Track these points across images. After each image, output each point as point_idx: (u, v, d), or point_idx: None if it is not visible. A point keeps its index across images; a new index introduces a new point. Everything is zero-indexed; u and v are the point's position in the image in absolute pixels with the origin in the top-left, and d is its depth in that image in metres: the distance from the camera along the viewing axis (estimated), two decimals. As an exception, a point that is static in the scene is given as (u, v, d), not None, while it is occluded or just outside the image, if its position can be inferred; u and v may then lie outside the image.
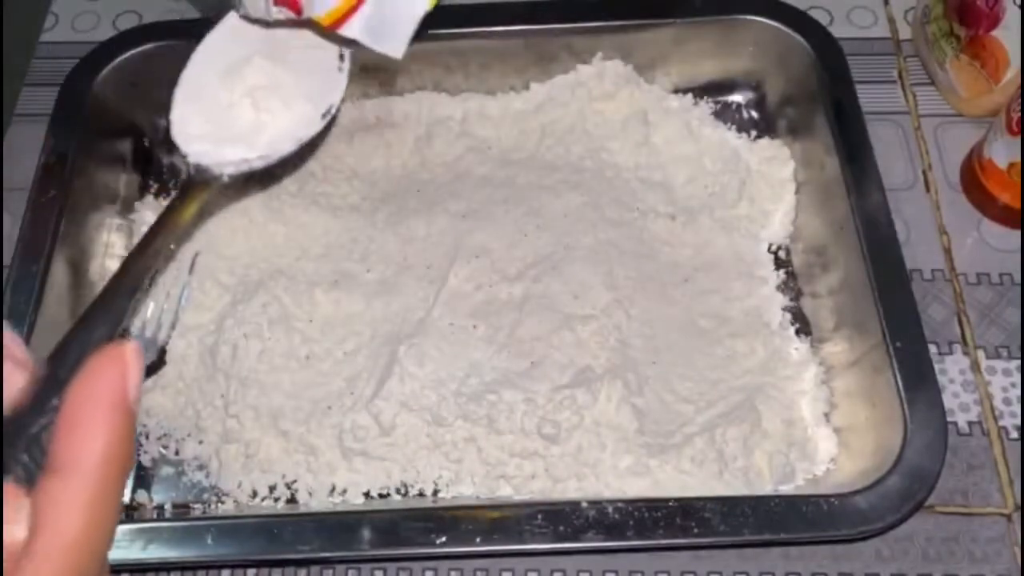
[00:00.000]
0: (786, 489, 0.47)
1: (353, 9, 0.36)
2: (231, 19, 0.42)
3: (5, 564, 0.18)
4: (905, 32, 0.64)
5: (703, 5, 0.59)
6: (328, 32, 0.39)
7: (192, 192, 0.36)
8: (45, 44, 0.67)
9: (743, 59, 0.60)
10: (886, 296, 0.48)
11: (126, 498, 0.49)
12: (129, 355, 0.21)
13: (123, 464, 0.20)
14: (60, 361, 0.22)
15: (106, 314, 0.25)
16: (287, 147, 0.39)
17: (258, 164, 0.39)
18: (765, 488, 0.46)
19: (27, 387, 0.21)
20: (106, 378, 0.20)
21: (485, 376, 0.49)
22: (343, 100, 0.41)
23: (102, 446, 0.19)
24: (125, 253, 0.57)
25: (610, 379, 0.48)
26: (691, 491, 0.46)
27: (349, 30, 0.37)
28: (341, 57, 0.42)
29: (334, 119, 0.41)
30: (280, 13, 0.39)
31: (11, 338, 0.21)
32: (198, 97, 0.40)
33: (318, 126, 0.40)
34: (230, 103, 0.40)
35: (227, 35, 0.41)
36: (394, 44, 0.38)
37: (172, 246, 0.34)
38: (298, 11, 0.38)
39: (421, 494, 0.48)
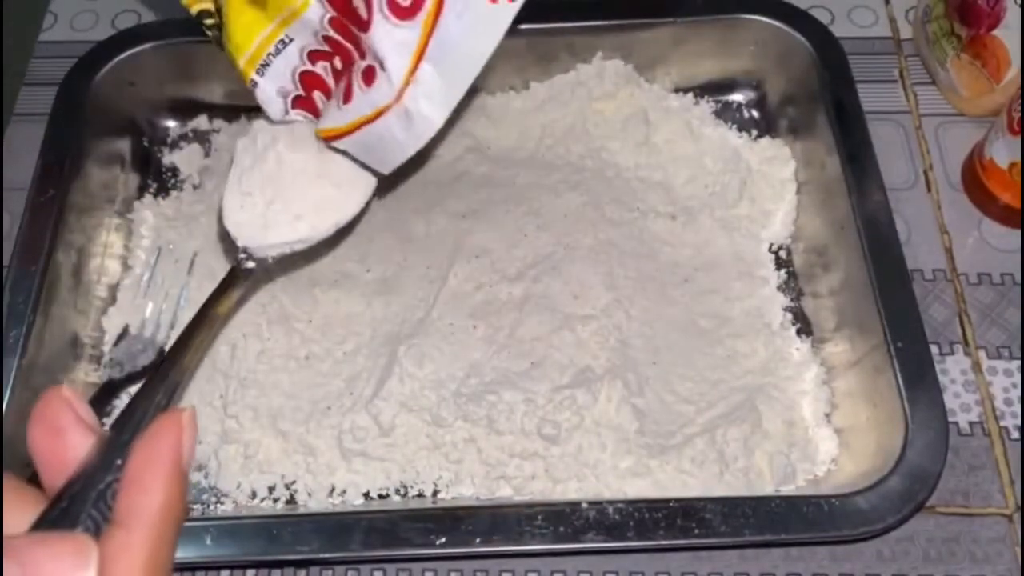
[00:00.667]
0: (787, 490, 0.47)
1: (347, 134, 0.40)
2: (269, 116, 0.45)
3: None
4: (906, 31, 0.64)
5: (703, 4, 0.59)
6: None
7: (242, 272, 0.41)
8: (44, 43, 0.66)
9: (744, 58, 0.60)
10: (887, 296, 0.48)
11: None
12: (185, 421, 0.23)
13: (178, 518, 0.23)
14: (124, 425, 0.25)
15: (164, 383, 0.28)
16: (327, 230, 0.43)
17: (300, 247, 0.43)
18: (766, 489, 0.46)
19: (94, 448, 0.23)
20: (164, 441, 0.23)
21: (485, 376, 0.49)
22: (378, 183, 0.45)
23: (160, 502, 0.22)
24: (124, 252, 0.57)
25: (610, 379, 0.48)
26: (692, 492, 0.45)
27: (343, 144, 0.41)
28: None
29: (370, 201, 0.45)
30: (299, 115, 0.43)
31: (82, 407, 0.24)
32: (245, 185, 0.43)
33: (357, 208, 0.44)
34: (275, 190, 0.43)
35: (267, 126, 0.45)
36: (382, 166, 0.42)
37: (219, 323, 0.38)
38: (317, 116, 0.43)
39: (421, 495, 0.48)
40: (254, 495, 0.48)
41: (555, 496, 0.46)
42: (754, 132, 0.60)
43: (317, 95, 0.43)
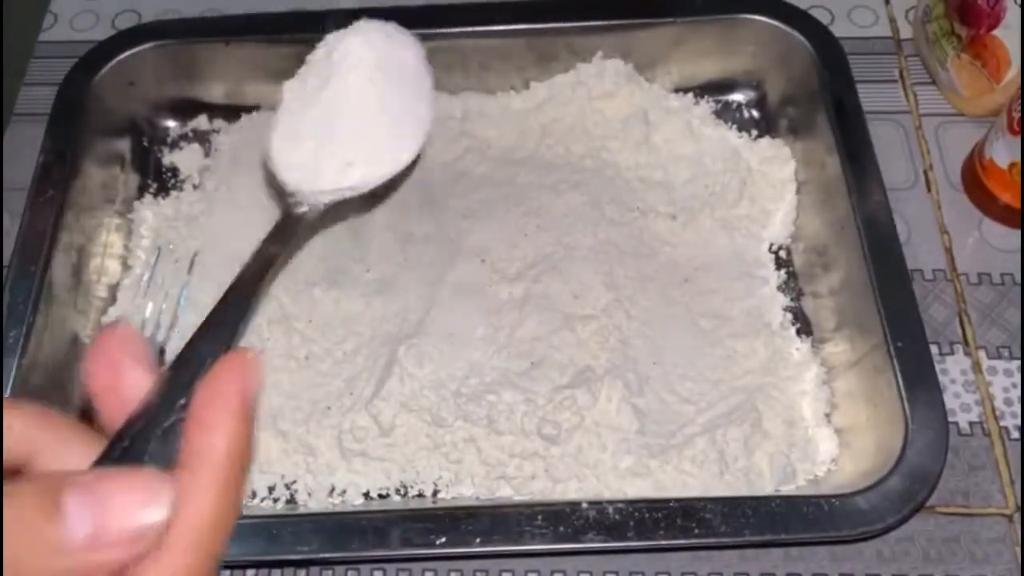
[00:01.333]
0: (787, 490, 0.47)
1: None
2: (320, 51, 0.43)
3: (150, 545, 0.19)
4: (906, 31, 0.64)
5: (704, 4, 0.59)
6: None
7: (292, 217, 0.38)
8: (44, 43, 0.66)
9: (744, 58, 0.60)
10: (887, 296, 0.48)
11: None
12: (250, 361, 0.22)
13: (245, 460, 0.22)
14: (184, 366, 0.24)
15: (222, 325, 0.27)
16: (380, 178, 0.41)
17: (350, 194, 0.40)
18: (766, 488, 0.46)
19: (155, 387, 0.23)
20: (231, 382, 0.22)
21: (485, 376, 0.49)
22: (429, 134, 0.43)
23: (227, 443, 0.21)
24: (124, 252, 0.57)
25: (610, 379, 0.48)
26: (692, 492, 0.45)
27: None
28: (430, 84, 0.44)
29: (422, 152, 0.43)
30: None
31: (142, 345, 0.23)
32: (295, 127, 0.41)
33: (409, 158, 0.42)
34: (326, 134, 0.41)
35: (318, 69, 0.42)
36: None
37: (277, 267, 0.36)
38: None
39: (421, 495, 0.48)
40: (254, 495, 0.48)
41: (555, 496, 0.46)
42: (754, 132, 0.60)
43: None
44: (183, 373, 0.23)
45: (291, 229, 0.37)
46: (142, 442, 0.21)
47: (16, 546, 0.18)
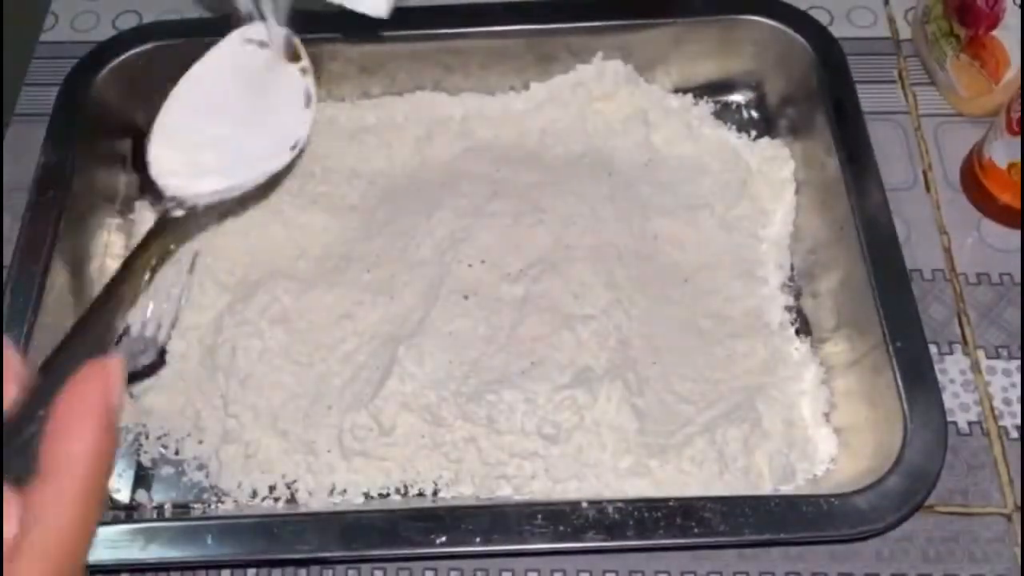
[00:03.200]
0: (786, 489, 0.47)
1: None
2: (207, 60, 0.45)
3: (4, 557, 0.20)
4: (905, 32, 0.64)
5: (703, 5, 0.59)
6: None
7: (170, 221, 0.39)
8: (45, 44, 0.67)
9: (743, 59, 0.60)
10: (886, 296, 0.48)
11: (126, 498, 0.49)
12: (111, 369, 0.23)
13: (105, 468, 0.22)
14: (48, 374, 0.24)
15: (91, 329, 0.27)
16: (257, 179, 0.42)
17: (229, 195, 0.42)
18: (765, 488, 0.46)
19: (19, 397, 0.23)
20: (90, 390, 0.22)
21: (485, 376, 0.49)
22: (309, 136, 0.45)
23: (85, 451, 0.21)
24: (125, 253, 0.57)
25: (610, 379, 0.48)
26: (691, 491, 0.45)
27: None
28: (308, 96, 0.46)
29: (301, 153, 0.45)
30: None
31: (9, 351, 0.23)
32: (174, 134, 0.42)
33: (287, 159, 0.44)
34: (203, 139, 0.42)
35: (202, 75, 0.44)
36: (376, 4, 0.42)
37: (150, 269, 0.36)
38: None
39: (421, 494, 0.48)
40: (255, 494, 0.48)
41: (555, 496, 0.46)
42: (753, 132, 0.60)
43: None
44: (45, 384, 0.24)
45: (166, 233, 0.38)
46: (2, 455, 0.22)
47: None
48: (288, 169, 0.44)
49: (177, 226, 0.39)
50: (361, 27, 0.60)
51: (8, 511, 0.20)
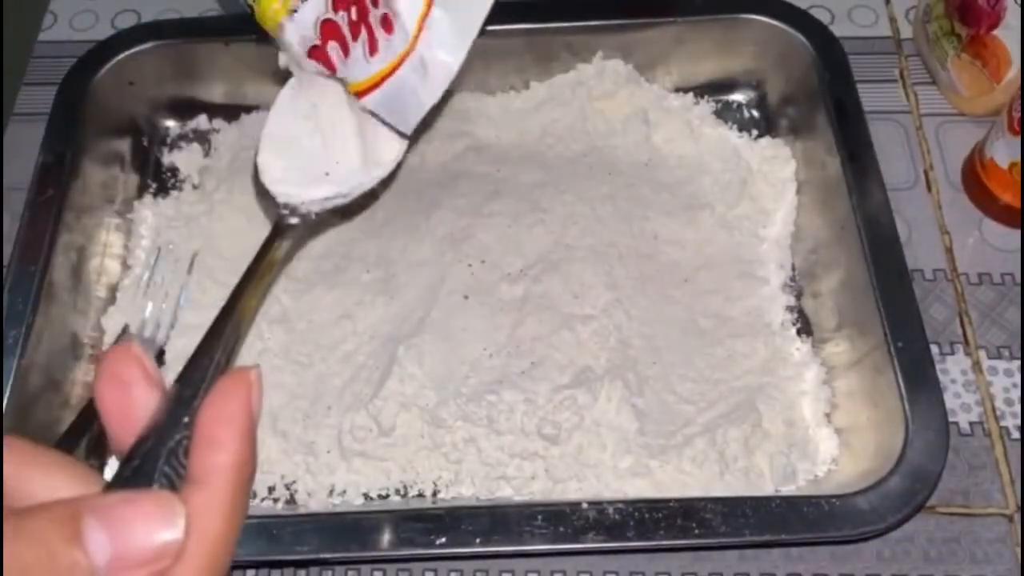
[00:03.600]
0: (787, 490, 0.47)
1: (375, 87, 0.40)
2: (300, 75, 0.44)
3: (167, 564, 0.20)
4: (906, 31, 0.64)
5: (704, 4, 0.59)
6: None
7: (286, 228, 0.39)
8: (43, 43, 0.66)
9: (744, 58, 0.60)
10: (887, 296, 0.47)
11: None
12: (252, 379, 0.23)
13: (252, 474, 0.23)
14: (187, 382, 0.25)
15: (220, 339, 0.28)
16: (365, 184, 0.43)
17: (339, 202, 0.42)
18: (766, 489, 0.46)
19: (161, 405, 0.23)
20: (234, 398, 0.23)
21: (485, 376, 0.49)
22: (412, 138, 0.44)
23: (233, 459, 0.22)
24: (124, 253, 0.57)
25: (610, 379, 0.48)
26: (692, 492, 0.45)
27: (368, 102, 0.41)
28: None
29: (406, 155, 0.44)
30: (313, 68, 0.42)
31: (149, 362, 0.24)
32: (282, 142, 0.42)
33: (393, 163, 0.44)
34: (309, 145, 0.42)
35: (305, 80, 0.44)
36: (403, 124, 0.42)
37: (270, 277, 0.37)
38: (332, 70, 0.42)
39: (420, 495, 0.48)
40: (254, 495, 0.48)
41: (555, 496, 0.46)
42: (754, 132, 0.60)
43: (332, 46, 0.42)
44: (186, 390, 0.24)
45: (283, 239, 0.38)
46: (151, 461, 0.22)
47: (37, 572, 0.18)
48: (395, 171, 0.44)
49: (293, 233, 0.39)
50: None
51: (175, 514, 0.20)
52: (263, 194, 0.43)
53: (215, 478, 0.21)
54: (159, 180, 0.60)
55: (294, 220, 0.40)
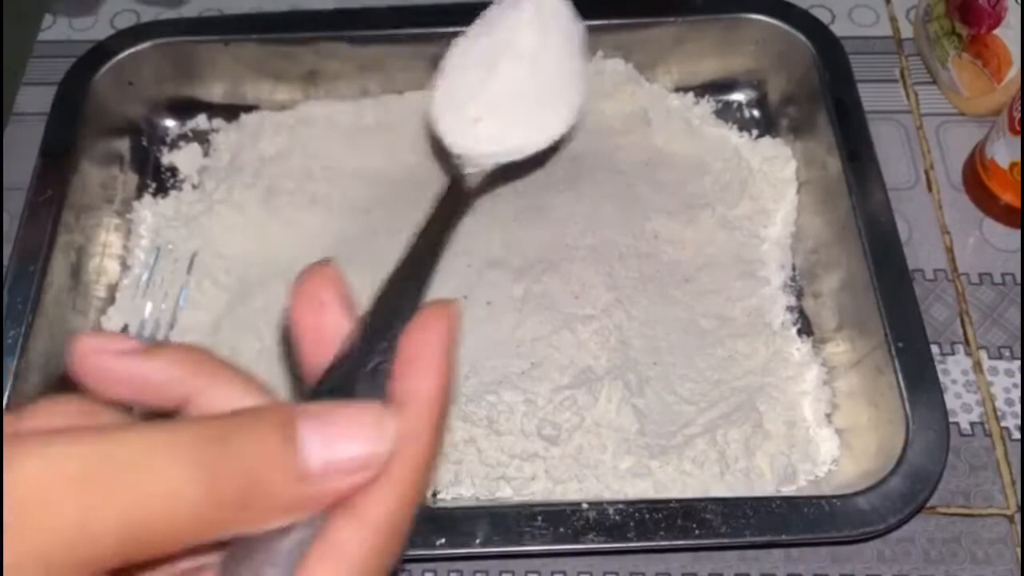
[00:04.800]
0: (787, 490, 0.46)
1: None
2: (487, 15, 0.44)
3: (374, 476, 0.20)
4: (907, 31, 0.64)
5: (704, 3, 0.59)
6: None
7: (462, 178, 0.38)
8: (43, 43, 0.66)
9: (744, 58, 0.60)
10: (888, 296, 0.47)
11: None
12: (453, 311, 0.23)
13: (447, 411, 0.22)
14: (383, 310, 0.24)
15: (413, 278, 0.28)
16: (539, 144, 0.41)
17: (511, 158, 0.40)
18: (767, 489, 0.46)
19: (356, 329, 0.23)
20: (437, 327, 0.23)
21: (485, 377, 0.49)
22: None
23: (437, 385, 0.21)
24: (124, 252, 0.57)
25: (611, 380, 0.47)
26: (692, 492, 0.45)
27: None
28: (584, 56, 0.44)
29: (581, 118, 0.43)
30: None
31: (344, 285, 0.24)
32: (454, 95, 0.41)
33: (569, 123, 0.42)
34: (484, 100, 0.41)
35: (481, 33, 0.43)
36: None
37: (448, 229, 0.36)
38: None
39: (420, 495, 0.48)
40: (253, 496, 0.48)
41: (555, 497, 0.46)
42: (755, 131, 0.60)
43: None
44: (383, 317, 0.24)
45: (460, 191, 0.37)
46: (350, 380, 0.22)
47: (256, 472, 0.18)
48: (569, 136, 0.43)
49: (469, 183, 0.38)
50: (361, 27, 0.60)
51: (385, 427, 0.20)
52: (435, 143, 0.41)
53: (418, 404, 0.21)
54: (158, 180, 0.60)
55: (470, 170, 0.38)
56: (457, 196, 0.36)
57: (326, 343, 0.23)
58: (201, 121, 0.62)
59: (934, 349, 0.48)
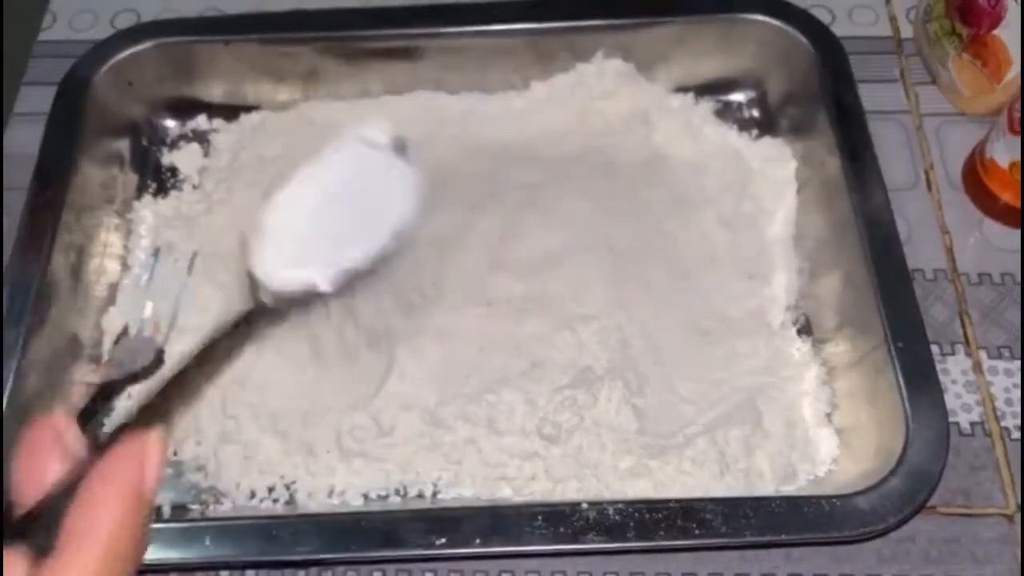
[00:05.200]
0: (787, 490, 0.46)
1: None
2: (321, 161, 0.42)
3: None
4: (907, 31, 0.64)
5: (704, 3, 0.59)
6: None
7: (258, 310, 0.36)
8: (43, 43, 0.66)
9: (744, 58, 0.60)
10: (888, 296, 0.47)
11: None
12: (150, 444, 0.23)
13: (131, 542, 0.21)
14: (97, 451, 0.24)
15: (153, 410, 0.26)
16: (331, 279, 0.39)
17: (325, 288, 0.39)
18: (766, 489, 0.46)
19: (68, 473, 0.23)
20: (123, 463, 0.22)
21: (485, 376, 0.49)
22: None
23: (109, 524, 0.21)
24: (124, 253, 0.57)
25: (611, 380, 0.47)
26: (692, 492, 0.45)
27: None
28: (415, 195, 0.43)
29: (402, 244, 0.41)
30: None
31: (69, 432, 0.24)
32: (276, 229, 0.39)
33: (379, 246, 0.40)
34: (304, 235, 0.39)
35: (309, 176, 0.41)
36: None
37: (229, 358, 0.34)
38: None
39: (420, 495, 0.48)
40: (253, 495, 0.48)
41: (555, 496, 0.46)
42: (755, 131, 0.60)
43: None
44: (91, 459, 0.24)
45: (253, 321, 0.35)
46: (34, 524, 0.22)
47: None
48: (392, 258, 0.41)
49: (266, 316, 0.36)
50: (361, 27, 0.60)
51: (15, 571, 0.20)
52: (248, 274, 0.38)
53: (83, 543, 0.21)
54: (158, 180, 0.60)
55: (268, 301, 0.37)
56: (243, 326, 0.35)
57: (39, 491, 0.23)
58: (201, 121, 0.62)
59: (934, 349, 0.48)
